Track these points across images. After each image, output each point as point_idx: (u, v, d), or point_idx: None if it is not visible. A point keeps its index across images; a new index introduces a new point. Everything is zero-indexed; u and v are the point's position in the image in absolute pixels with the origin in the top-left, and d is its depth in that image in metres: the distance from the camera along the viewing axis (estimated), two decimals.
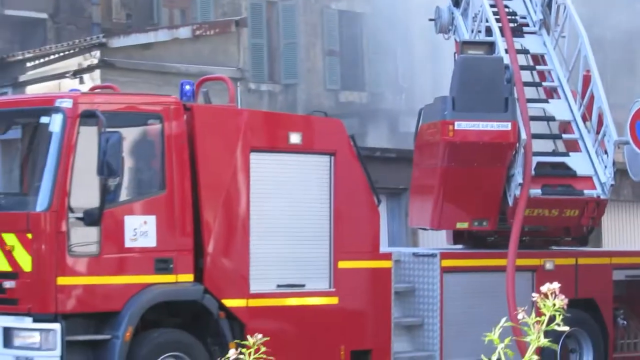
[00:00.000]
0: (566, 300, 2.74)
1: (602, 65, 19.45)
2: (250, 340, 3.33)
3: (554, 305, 2.72)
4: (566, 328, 2.79)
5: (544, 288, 2.73)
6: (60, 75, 26.77)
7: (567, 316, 2.79)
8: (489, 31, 18.28)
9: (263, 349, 3.35)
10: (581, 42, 18.15)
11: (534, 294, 2.80)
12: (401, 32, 36.94)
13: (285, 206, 15.53)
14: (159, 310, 14.32)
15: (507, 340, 2.86)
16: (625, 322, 18.35)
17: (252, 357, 3.28)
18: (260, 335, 3.40)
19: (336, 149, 16.04)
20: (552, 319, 2.80)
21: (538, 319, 2.75)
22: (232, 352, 3.24)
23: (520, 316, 2.80)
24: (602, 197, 17.61)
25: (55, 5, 33.41)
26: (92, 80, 25.35)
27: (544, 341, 2.74)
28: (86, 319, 13.81)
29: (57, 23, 32.98)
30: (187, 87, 15.40)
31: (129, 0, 35.22)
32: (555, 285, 2.78)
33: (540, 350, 3.12)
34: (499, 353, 2.89)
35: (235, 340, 13.68)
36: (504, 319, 2.91)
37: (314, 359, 15.52)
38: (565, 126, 18.68)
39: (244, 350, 3.29)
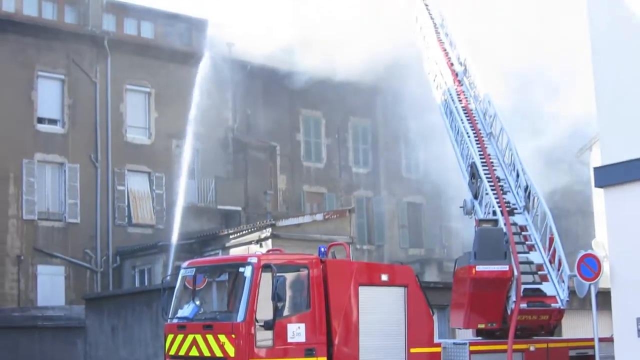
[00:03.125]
0: None
1: (562, 230, 21.23)
2: None
3: None
4: None
5: None
6: (249, 243, 30.78)
7: None
8: (494, 213, 20.37)
9: None
10: (548, 218, 20.00)
11: None
12: (445, 213, 43.23)
13: (379, 317, 17.06)
14: None
15: None
16: None
17: None
18: None
19: (408, 283, 17.92)
20: None
21: None
22: None
23: None
24: (561, 307, 19.66)
25: (245, 202, 39.34)
26: (267, 246, 28.34)
27: None
28: None
29: (246, 212, 38.47)
30: (322, 249, 17.23)
31: (287, 198, 42.27)
32: None
33: None
34: None
35: None
36: None
37: None
38: (540, 267, 20.32)
39: None
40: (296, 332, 15.64)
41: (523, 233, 20.56)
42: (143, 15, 43.46)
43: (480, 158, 21.43)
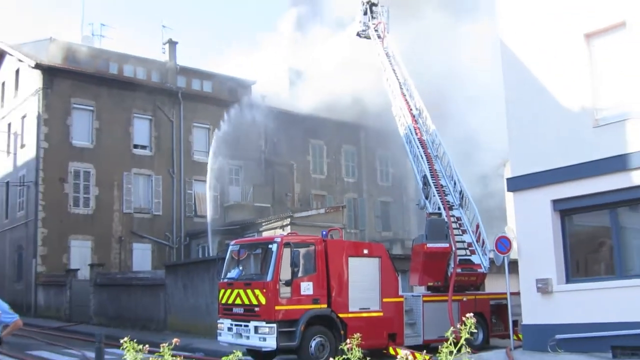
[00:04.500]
0: (472, 315, 3.42)
1: (484, 220, 20.89)
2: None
3: (469, 319, 3.28)
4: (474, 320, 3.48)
5: (468, 317, 3.30)
6: (274, 228, 29.65)
7: (474, 320, 3.43)
8: (439, 208, 20.29)
9: (357, 335, 3.97)
10: (475, 212, 20.50)
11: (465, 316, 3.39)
12: (406, 208, 42.23)
13: (362, 278, 17.00)
14: (314, 319, 15.64)
15: (448, 332, 3.39)
16: (495, 320, 19.72)
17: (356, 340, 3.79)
18: (358, 333, 4.13)
19: (381, 255, 17.88)
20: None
21: (461, 327, 3.27)
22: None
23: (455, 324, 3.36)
24: (484, 272, 19.94)
25: (273, 201, 39.12)
26: (287, 230, 27.14)
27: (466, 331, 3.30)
28: (286, 322, 15.13)
29: (273, 208, 37.88)
30: (324, 233, 17.15)
31: (300, 198, 42.29)
32: (470, 314, 3.44)
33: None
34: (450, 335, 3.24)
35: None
36: (450, 329, 3.29)
37: (375, 337, 16.30)
38: (470, 244, 20.17)
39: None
40: (306, 287, 15.82)
41: (459, 222, 20.48)
42: (205, 76, 43.75)
43: (430, 172, 21.14)
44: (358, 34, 26.76)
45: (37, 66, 34.76)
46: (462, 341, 3.09)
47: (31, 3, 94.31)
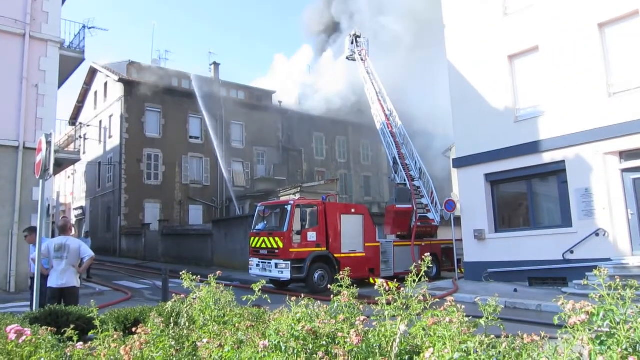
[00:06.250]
0: (429, 254, 3.12)
1: (437, 188, 20.50)
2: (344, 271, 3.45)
3: (427, 257, 2.96)
4: (430, 259, 3.01)
5: (426, 256, 2.98)
6: (289, 195, 27.27)
7: (430, 259, 2.99)
8: (405, 180, 20.00)
9: (347, 269, 3.57)
10: (430, 183, 19.91)
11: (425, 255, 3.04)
12: (380, 180, 41.55)
13: (350, 229, 16.62)
14: (317, 258, 15.43)
15: (412, 266, 2.94)
16: (444, 259, 19.01)
17: (345, 272, 3.46)
18: (348, 268, 3.71)
19: (364, 213, 17.33)
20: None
21: (421, 263, 2.94)
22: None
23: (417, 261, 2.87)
24: (437, 225, 19.48)
25: (288, 176, 38.78)
26: (298, 196, 24.52)
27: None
28: (297, 261, 14.97)
29: (288, 180, 37.44)
30: (324, 197, 17.09)
31: (307, 174, 41.54)
32: (428, 254, 3.09)
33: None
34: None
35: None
36: (413, 265, 2.93)
37: (360, 270, 15.96)
38: (426, 205, 19.73)
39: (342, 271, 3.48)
40: (311, 236, 15.60)
41: (418, 190, 20.14)
42: (239, 87, 43.05)
43: (398, 155, 20.87)
44: (347, 58, 26.61)
45: (120, 80, 34.82)
46: (422, 273, 2.97)
47: (116, 36, 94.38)
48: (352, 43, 25.98)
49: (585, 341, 2.24)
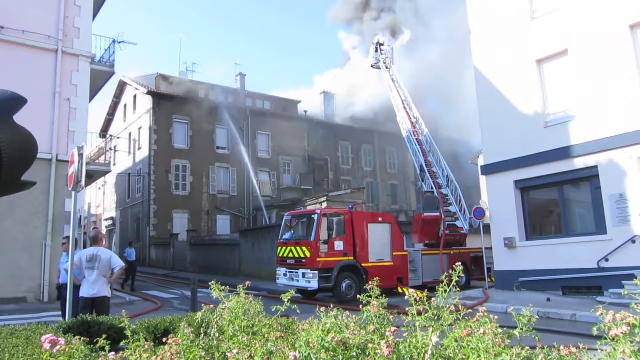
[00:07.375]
0: (460, 264, 3.06)
1: (465, 196, 20.11)
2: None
3: (458, 266, 2.93)
4: (461, 268, 3.00)
5: (457, 266, 2.95)
6: (316, 203, 27.22)
7: (461, 268, 2.97)
8: (432, 188, 19.64)
9: (376, 279, 3.41)
10: (458, 190, 19.51)
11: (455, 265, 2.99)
12: (408, 188, 41.92)
13: (378, 238, 16.39)
14: (344, 268, 15.22)
15: (443, 277, 2.94)
16: (474, 268, 18.74)
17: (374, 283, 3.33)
18: (377, 278, 3.48)
19: (391, 222, 17.12)
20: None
21: (452, 273, 2.90)
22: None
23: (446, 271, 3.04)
24: (466, 233, 19.16)
25: (314, 185, 38.77)
26: (325, 205, 25.41)
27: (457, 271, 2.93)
28: (325, 270, 14.81)
29: (314, 190, 37.38)
30: (350, 206, 16.84)
31: (333, 183, 41.56)
32: (459, 263, 3.12)
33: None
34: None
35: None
36: (444, 274, 2.90)
37: (388, 280, 15.72)
38: (454, 214, 19.30)
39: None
40: (338, 245, 15.45)
41: (446, 198, 19.87)
42: (265, 98, 43.54)
43: (425, 162, 20.65)
44: (372, 66, 26.56)
45: (149, 93, 35.23)
46: (454, 282, 2.90)
47: (145, 49, 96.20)
48: (377, 51, 25.90)
49: (628, 353, 2.18)
